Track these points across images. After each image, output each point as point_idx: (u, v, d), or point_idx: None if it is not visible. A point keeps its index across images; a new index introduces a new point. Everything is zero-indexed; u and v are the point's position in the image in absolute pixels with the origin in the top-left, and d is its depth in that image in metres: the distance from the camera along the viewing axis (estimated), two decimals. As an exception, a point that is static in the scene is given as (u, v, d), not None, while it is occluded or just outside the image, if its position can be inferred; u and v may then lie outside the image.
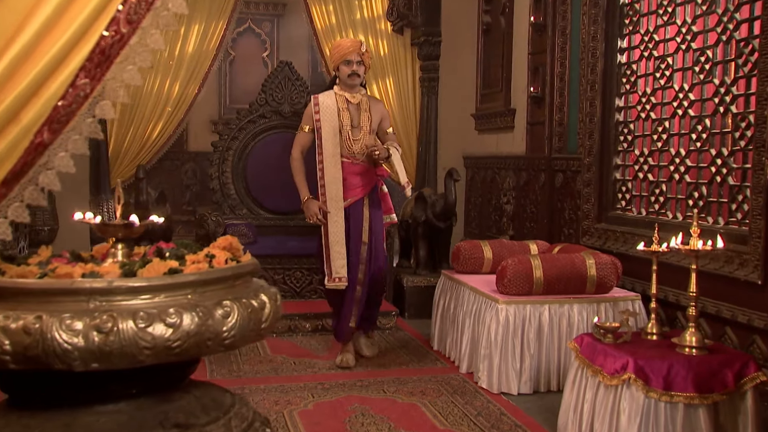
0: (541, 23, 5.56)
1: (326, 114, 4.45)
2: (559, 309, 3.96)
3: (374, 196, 4.54)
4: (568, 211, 5.31)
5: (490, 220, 6.60)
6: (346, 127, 4.44)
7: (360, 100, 4.52)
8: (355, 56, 4.46)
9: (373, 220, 4.47)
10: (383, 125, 4.65)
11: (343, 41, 4.60)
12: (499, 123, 6.36)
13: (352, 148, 4.45)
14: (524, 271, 3.96)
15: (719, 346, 3.18)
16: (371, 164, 4.48)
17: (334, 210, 4.37)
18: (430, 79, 7.06)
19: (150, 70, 6.57)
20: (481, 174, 6.81)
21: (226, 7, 6.86)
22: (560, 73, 5.38)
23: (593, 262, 4.00)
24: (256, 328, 1.88)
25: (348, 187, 4.41)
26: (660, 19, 4.52)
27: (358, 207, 4.45)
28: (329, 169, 4.37)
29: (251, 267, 2.16)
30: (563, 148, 5.37)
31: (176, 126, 6.80)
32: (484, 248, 4.71)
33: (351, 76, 4.47)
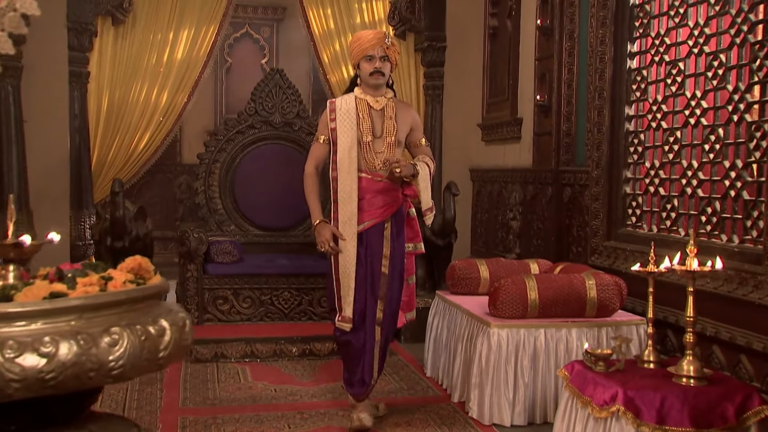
0: (548, 26, 5.51)
1: (344, 121, 3.94)
2: (556, 333, 3.88)
3: (398, 220, 3.99)
4: (577, 228, 5.23)
5: (496, 237, 6.52)
6: (367, 136, 3.92)
7: (385, 105, 3.99)
8: (378, 50, 3.89)
9: (396, 248, 3.96)
10: (414, 136, 4.13)
11: (363, 33, 4.05)
12: (505, 133, 6.30)
13: (374, 162, 3.91)
14: (518, 292, 3.89)
15: (720, 377, 3.09)
16: (396, 182, 3.97)
17: (345, 235, 3.86)
18: (435, 86, 7.07)
19: (136, 78, 6.63)
20: (488, 188, 6.74)
21: (217, 11, 6.91)
22: (568, 79, 5.32)
23: (594, 283, 3.93)
24: (152, 357, 1.80)
25: (366, 208, 3.90)
26: (671, 21, 4.45)
27: (378, 232, 3.92)
28: (344, 186, 3.88)
29: (153, 290, 2.03)
30: (571, 161, 5.30)
31: (164, 137, 6.85)
32: (480, 267, 4.64)
33: (373, 75, 3.91)
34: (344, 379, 3.98)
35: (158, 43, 6.73)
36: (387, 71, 3.96)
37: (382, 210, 3.93)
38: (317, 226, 3.93)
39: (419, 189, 3.97)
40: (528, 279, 3.94)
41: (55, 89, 6.22)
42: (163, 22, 6.73)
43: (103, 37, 6.52)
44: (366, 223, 3.90)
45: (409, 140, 4.13)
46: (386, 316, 3.92)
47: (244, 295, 5.45)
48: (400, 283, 3.98)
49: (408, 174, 3.91)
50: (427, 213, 4.07)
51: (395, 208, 3.97)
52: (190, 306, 5.26)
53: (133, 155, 6.68)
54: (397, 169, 3.84)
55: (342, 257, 3.87)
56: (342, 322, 3.87)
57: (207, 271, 5.40)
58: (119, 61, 6.60)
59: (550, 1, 5.49)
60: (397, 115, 4.01)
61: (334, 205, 3.92)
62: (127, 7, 6.47)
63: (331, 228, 3.89)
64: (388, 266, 3.91)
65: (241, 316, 5.45)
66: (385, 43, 3.92)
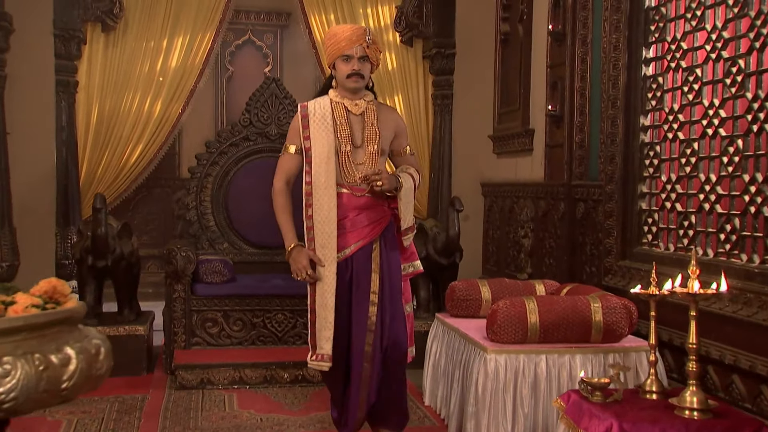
0: (560, 32, 5.47)
1: (318, 128, 3.67)
2: (559, 360, 3.80)
3: (389, 238, 3.75)
4: (590, 246, 5.17)
5: (508, 255, 6.47)
6: (346, 145, 3.66)
7: (365, 109, 3.74)
8: (356, 49, 3.64)
9: (388, 270, 3.69)
10: (398, 143, 3.88)
11: (339, 28, 3.79)
12: (517, 145, 6.26)
13: (354, 175, 3.67)
14: (517, 315, 3.83)
15: (726, 409, 3.01)
16: (379, 196, 3.72)
17: (324, 260, 3.60)
18: (444, 96, 7.06)
19: (127, 87, 6.65)
20: (499, 203, 6.70)
21: (214, 17, 6.92)
22: (581, 88, 5.27)
23: (599, 305, 3.86)
24: (53, 388, 1.74)
25: (351, 229, 3.65)
26: (688, 24, 4.40)
27: (365, 255, 3.67)
28: (321, 203, 3.60)
29: (60, 315, 1.94)
30: (584, 174, 5.24)
31: (157, 150, 6.84)
32: (481, 288, 4.59)
33: (351, 78, 3.67)
34: (332, 417, 3.82)
35: (151, 51, 6.74)
36: (366, 73, 3.72)
37: (369, 229, 3.69)
38: (292, 252, 3.68)
39: (400, 205, 3.72)
40: (528, 301, 3.87)
41: (40, 99, 6.25)
42: (157, 28, 6.75)
43: (92, 44, 6.55)
44: (352, 247, 3.65)
45: (393, 148, 3.89)
46: (378, 350, 3.61)
47: (235, 317, 5.43)
48: (399, 309, 3.72)
49: (391, 188, 3.66)
50: (407, 233, 3.79)
51: (383, 225, 3.74)
52: (177, 329, 5.25)
53: (124, 169, 6.68)
54: (378, 182, 3.60)
55: (320, 286, 3.60)
56: (318, 361, 3.60)
57: (195, 292, 5.38)
58: (110, 70, 6.62)
59: (562, 5, 5.45)
60: (379, 121, 3.76)
61: (308, 224, 3.64)
62: (117, 13, 6.49)
63: (308, 253, 3.62)
64: (378, 293, 3.64)
65: (231, 339, 5.42)
66: (365, 40, 3.67)
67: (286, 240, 3.77)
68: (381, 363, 3.62)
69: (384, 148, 3.80)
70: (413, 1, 6.93)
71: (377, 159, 3.73)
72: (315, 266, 3.62)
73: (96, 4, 6.40)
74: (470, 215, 6.96)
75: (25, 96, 6.16)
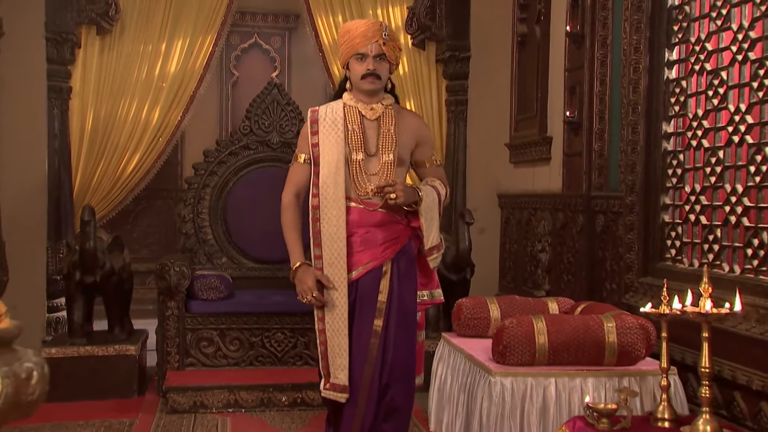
0: (578, 33, 5.43)
1: (328, 134, 3.50)
2: (569, 383, 3.73)
3: (403, 261, 3.53)
4: (610, 261, 5.11)
5: (525, 271, 6.42)
6: (357, 154, 3.49)
7: (381, 114, 3.55)
8: (372, 47, 3.45)
9: (398, 298, 3.47)
10: (421, 153, 3.68)
11: (353, 24, 3.60)
12: (534, 154, 6.22)
13: (366, 187, 3.48)
14: (524, 335, 3.77)
15: (744, 439, 2.94)
16: (399, 211, 3.52)
17: (334, 281, 3.43)
18: (458, 101, 7.02)
19: (124, 93, 6.66)
20: (516, 215, 6.66)
21: (216, 19, 6.92)
22: (600, 92, 5.23)
23: (613, 325, 3.79)
24: None
25: (360, 248, 3.46)
26: (713, 23, 4.34)
27: (374, 278, 3.46)
28: (328, 218, 3.43)
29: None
30: (604, 185, 5.19)
31: (156, 159, 6.83)
32: (490, 306, 4.54)
33: (366, 78, 3.49)
34: None
35: (149, 55, 6.73)
36: (384, 73, 3.52)
37: (381, 249, 3.47)
38: (297, 271, 3.49)
39: (421, 221, 3.50)
40: (536, 320, 3.82)
41: (31, 106, 6.26)
42: (155, 31, 6.75)
43: (87, 48, 6.55)
44: (361, 268, 3.46)
45: (415, 159, 3.68)
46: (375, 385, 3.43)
47: (232, 336, 5.42)
48: (410, 342, 3.52)
49: (408, 201, 3.43)
50: (433, 252, 3.57)
51: (399, 246, 3.51)
52: (170, 348, 5.24)
53: (120, 180, 6.67)
54: (392, 195, 3.38)
55: (330, 310, 3.43)
56: (332, 391, 3.43)
57: (190, 309, 5.37)
58: (105, 75, 6.62)
59: (580, 4, 5.41)
60: (397, 127, 3.55)
61: (315, 241, 3.46)
62: (113, 15, 6.49)
63: (315, 273, 3.43)
64: (383, 323, 3.44)
65: (227, 360, 5.41)
66: (381, 36, 3.46)
67: (291, 258, 3.56)
68: (378, 400, 3.45)
69: (402, 158, 3.59)
70: (425, 2, 6.88)
71: (393, 169, 3.52)
72: (323, 287, 3.45)
73: (90, 6, 6.40)
74: (486, 228, 6.96)
75: (15, 103, 6.17)
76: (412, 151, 3.67)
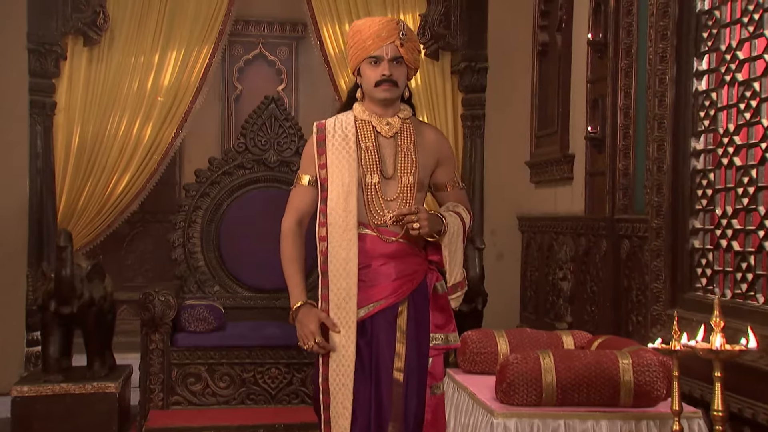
0: (600, 41, 5.37)
1: (338, 153, 3.29)
2: (580, 426, 3.67)
3: (419, 300, 3.32)
4: (636, 291, 5.03)
5: (547, 301, 6.36)
6: (373, 176, 3.28)
7: (399, 129, 3.34)
8: (388, 48, 3.23)
9: (416, 344, 3.28)
10: (443, 174, 3.46)
11: (364, 22, 3.36)
12: (555, 173, 6.18)
13: (383, 214, 3.28)
14: (530, 372, 3.71)
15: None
16: (418, 242, 3.33)
17: (340, 324, 3.19)
18: (475, 116, 6.97)
19: (114, 109, 6.66)
20: (538, 240, 6.61)
21: (213, 28, 6.92)
22: (624, 106, 5.17)
23: (629, 362, 3.72)
24: None
25: (372, 282, 3.25)
26: (745, 30, 4.26)
27: (388, 318, 3.26)
28: (337, 249, 3.21)
29: None
30: (629, 207, 5.12)
31: (147, 179, 6.82)
32: (498, 340, 4.48)
33: (381, 86, 3.25)
34: None
35: (141, 67, 6.74)
36: (402, 80, 3.29)
37: (396, 285, 3.25)
38: (298, 311, 3.24)
39: (445, 254, 3.30)
40: (543, 356, 3.76)
41: (12, 122, 6.28)
42: (147, 41, 6.76)
43: (73, 60, 6.57)
44: (371, 306, 3.23)
45: (436, 181, 3.46)
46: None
47: (222, 372, 5.37)
48: (421, 393, 3.29)
49: (433, 231, 3.23)
50: (456, 290, 3.40)
51: (416, 283, 3.30)
52: (153, 386, 5.20)
53: (108, 201, 6.67)
54: (415, 224, 3.18)
55: (334, 359, 3.19)
56: None
57: (176, 343, 5.34)
58: (93, 89, 6.63)
59: (603, 10, 5.36)
60: (417, 145, 3.33)
61: (323, 278, 3.23)
62: (102, 25, 6.49)
63: (319, 314, 3.20)
64: (403, 370, 3.22)
65: (216, 398, 5.36)
66: (398, 36, 3.23)
67: (291, 296, 3.31)
68: None
69: (423, 181, 3.37)
70: (439, 9, 6.86)
71: (413, 194, 3.30)
72: (327, 334, 3.20)
73: (77, 14, 6.42)
74: (505, 254, 6.94)
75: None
76: (433, 172, 3.44)
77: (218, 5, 6.87)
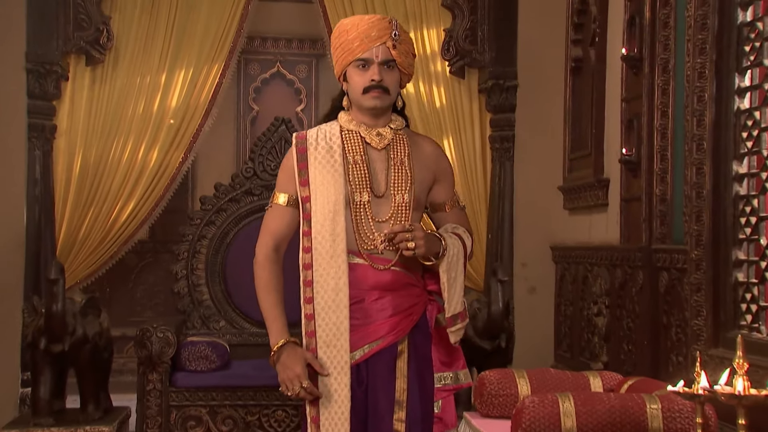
0: (635, 56, 5.31)
1: (321, 168, 3.12)
2: (604, 479, 3.57)
3: (420, 337, 3.18)
4: (676, 328, 4.93)
5: (582, 339, 6.26)
6: (362, 194, 3.12)
7: (391, 141, 3.20)
8: (378, 50, 3.08)
9: (418, 385, 3.12)
10: (440, 192, 3.33)
11: (351, 21, 3.20)
12: (590, 199, 6.11)
13: (375, 238, 3.12)
14: (547, 417, 3.62)
15: None
16: (416, 270, 3.19)
17: (330, 367, 3.03)
18: (503, 138, 6.91)
19: (117, 132, 6.66)
20: (572, 271, 6.52)
21: (223, 46, 6.90)
22: (661, 126, 5.09)
23: (658, 408, 3.64)
24: None
25: (365, 320, 3.09)
26: (790, 42, 4.19)
27: (386, 360, 3.09)
28: (324, 282, 3.05)
29: None
30: (667, 236, 5.04)
31: (153, 206, 6.80)
32: (518, 381, 4.41)
33: (370, 92, 3.09)
34: None
35: (146, 88, 6.73)
36: (394, 86, 3.14)
37: (394, 321, 3.08)
38: (280, 352, 3.08)
39: (443, 280, 3.10)
40: (563, 399, 3.67)
41: (8, 147, 6.31)
42: (153, 60, 6.75)
43: (75, 81, 6.59)
44: (366, 348, 3.06)
45: (433, 200, 3.32)
46: None
47: (224, 414, 5.32)
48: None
49: (430, 253, 3.05)
50: (456, 322, 3.16)
51: (416, 318, 3.14)
52: (150, 429, 5.17)
53: (111, 231, 6.65)
54: (410, 243, 2.99)
55: (324, 407, 3.02)
56: None
57: (175, 383, 5.29)
58: (96, 111, 6.62)
59: (638, 23, 5.31)
60: (412, 159, 3.19)
61: (308, 312, 3.08)
62: (105, 43, 6.51)
63: (305, 354, 3.04)
64: (405, 420, 3.05)
65: (218, 443, 5.31)
66: (390, 37, 3.07)
67: (271, 335, 3.15)
68: None
69: (419, 198, 3.22)
70: (465, 23, 6.82)
71: (408, 214, 3.14)
72: (316, 379, 3.03)
73: (79, 33, 6.45)
74: (537, 286, 6.87)
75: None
76: (431, 188, 3.30)
77: (229, 21, 6.85)
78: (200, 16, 6.82)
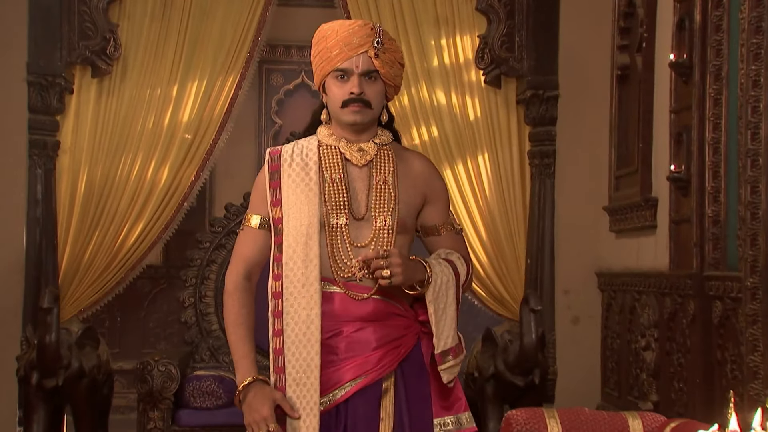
0: (685, 63, 5.20)
1: (296, 187, 3.03)
2: None
3: (410, 374, 3.03)
4: (731, 364, 4.80)
5: (630, 374, 6.12)
6: (339, 217, 3.01)
7: (374, 157, 3.08)
8: (359, 59, 2.99)
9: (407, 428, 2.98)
10: (432, 214, 3.19)
11: (331, 27, 3.10)
12: (637, 220, 6.01)
13: (353, 266, 2.99)
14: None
15: None
16: (399, 299, 3.04)
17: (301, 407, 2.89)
18: (543, 153, 6.81)
19: (125, 148, 6.62)
20: (619, 300, 6.40)
21: (239, 56, 6.85)
22: (714, 140, 4.97)
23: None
24: None
25: (344, 354, 2.98)
26: None
27: (369, 401, 2.96)
28: (295, 312, 2.94)
29: None
30: (721, 261, 4.92)
31: (164, 228, 6.73)
32: (548, 422, 4.27)
33: (350, 107, 3.00)
34: None
35: (157, 101, 6.69)
36: (377, 99, 3.04)
37: (378, 355, 2.95)
38: (246, 391, 2.96)
39: (430, 311, 2.95)
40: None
41: (7, 165, 6.30)
42: (164, 71, 6.72)
43: (80, 93, 6.56)
44: (348, 386, 2.93)
45: (424, 223, 3.18)
46: None
47: (231, 455, 5.24)
48: None
49: (411, 280, 2.92)
50: (447, 359, 3.00)
51: (405, 351, 3.01)
52: (151, 472, 5.09)
53: (118, 255, 6.59)
54: (384, 271, 2.85)
55: None
56: None
57: (178, 421, 5.27)
58: (103, 126, 6.59)
59: (688, 26, 5.20)
60: (398, 177, 3.06)
61: (276, 348, 2.97)
62: (112, 53, 6.47)
63: (273, 394, 2.91)
64: None
65: (224, 486, 5.24)
66: (372, 45, 2.97)
67: (238, 371, 3.04)
68: None
69: (405, 221, 3.07)
70: (501, 29, 6.73)
71: (392, 239, 3.01)
72: (284, 422, 2.91)
73: (84, 42, 6.42)
74: (581, 317, 6.76)
75: (-14, 162, 6.21)
76: (420, 212, 3.16)
77: (245, 29, 6.80)
78: (214, 23, 6.78)
